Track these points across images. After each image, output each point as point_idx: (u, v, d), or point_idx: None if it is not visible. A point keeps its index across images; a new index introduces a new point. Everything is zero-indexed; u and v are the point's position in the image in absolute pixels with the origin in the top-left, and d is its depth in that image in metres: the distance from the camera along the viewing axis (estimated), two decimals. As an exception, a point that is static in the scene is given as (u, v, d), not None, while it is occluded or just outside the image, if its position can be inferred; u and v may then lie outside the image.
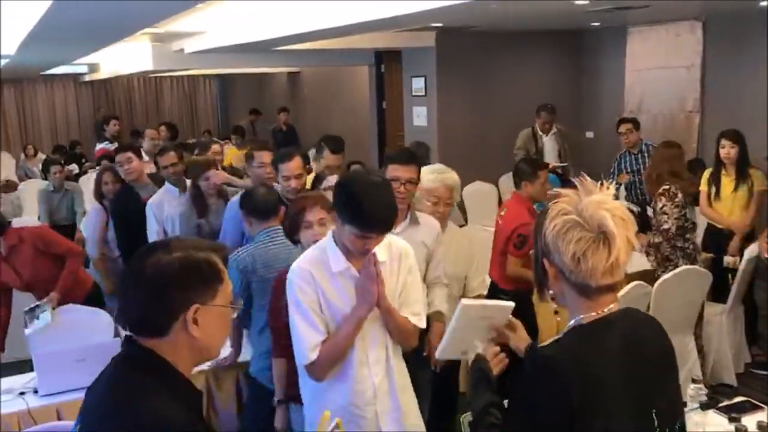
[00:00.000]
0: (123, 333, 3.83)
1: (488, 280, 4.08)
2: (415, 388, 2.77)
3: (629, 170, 6.25)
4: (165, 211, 4.58)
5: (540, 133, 7.12)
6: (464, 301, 2.03)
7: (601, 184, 1.53)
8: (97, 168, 7.54)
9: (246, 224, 3.33)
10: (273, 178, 4.04)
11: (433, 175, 3.33)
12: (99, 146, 8.73)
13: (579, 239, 1.45)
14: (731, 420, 2.37)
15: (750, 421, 2.38)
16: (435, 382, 3.42)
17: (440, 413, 3.30)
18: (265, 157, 4.19)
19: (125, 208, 4.74)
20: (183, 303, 1.43)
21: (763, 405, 2.68)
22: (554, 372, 1.44)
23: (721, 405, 2.59)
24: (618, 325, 1.52)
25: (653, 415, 1.50)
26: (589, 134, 8.48)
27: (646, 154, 6.15)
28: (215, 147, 6.31)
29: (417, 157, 3.17)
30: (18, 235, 3.96)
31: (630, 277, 4.33)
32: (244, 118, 12.64)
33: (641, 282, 4.07)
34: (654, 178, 4.75)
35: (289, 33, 6.15)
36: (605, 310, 1.51)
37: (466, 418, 2.12)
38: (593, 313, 1.51)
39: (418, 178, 3.10)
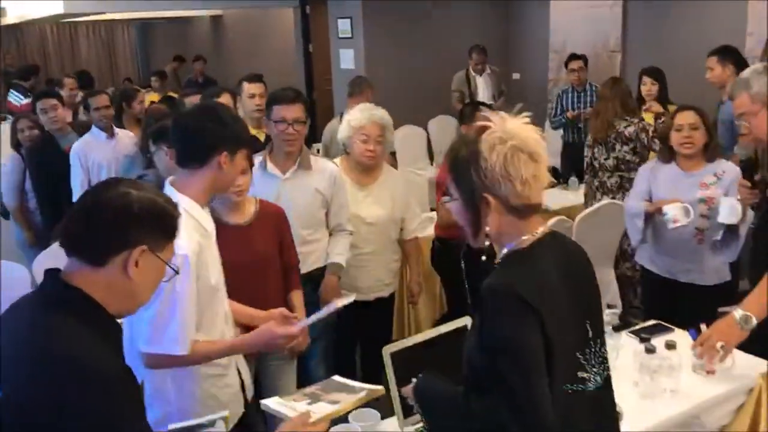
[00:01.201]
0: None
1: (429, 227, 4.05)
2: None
3: (571, 108, 6.31)
4: (91, 158, 4.41)
5: (473, 74, 7.16)
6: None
7: (519, 113, 1.59)
8: (10, 118, 7.18)
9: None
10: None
11: (362, 112, 3.26)
12: (23, 101, 8.29)
13: (526, 162, 1.51)
14: (642, 340, 2.48)
15: (659, 341, 2.50)
16: (367, 332, 3.46)
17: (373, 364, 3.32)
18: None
19: (45, 159, 4.55)
20: (135, 239, 1.42)
21: (672, 327, 2.82)
22: (515, 295, 1.47)
23: (633, 328, 2.71)
24: (551, 245, 1.60)
25: (587, 326, 1.61)
26: (516, 75, 8.53)
27: (589, 93, 6.23)
28: (140, 96, 6.06)
29: (302, 95, 3.09)
30: None
31: (554, 213, 4.46)
32: (168, 65, 12.18)
33: (563, 216, 4.18)
34: None
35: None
36: (536, 233, 1.58)
37: (388, 350, 2.14)
38: (525, 237, 1.58)
39: (307, 118, 3.05)
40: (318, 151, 5.23)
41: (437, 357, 2.08)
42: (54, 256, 3.58)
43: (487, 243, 1.60)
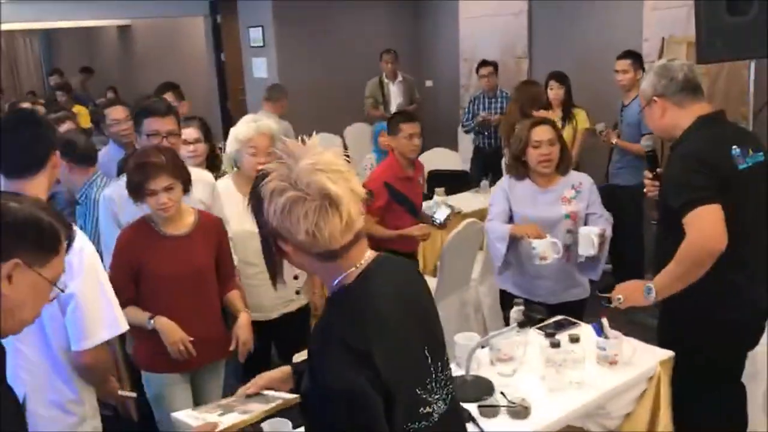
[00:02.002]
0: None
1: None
2: None
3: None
4: None
5: (386, 81, 7.20)
6: None
7: (302, 141, 1.43)
8: None
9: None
10: (130, 135, 3.84)
11: (247, 124, 3.12)
12: None
13: (306, 213, 1.36)
14: (547, 335, 2.54)
15: (564, 336, 2.57)
16: (282, 348, 3.34)
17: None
18: (119, 113, 3.98)
19: None
20: (6, 252, 1.35)
21: (577, 321, 2.91)
22: (341, 341, 1.36)
23: (540, 324, 2.78)
24: (381, 273, 1.48)
25: (426, 352, 1.50)
26: (429, 83, 8.65)
27: (499, 99, 6.38)
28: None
29: (173, 108, 3.00)
30: None
31: (466, 216, 4.53)
32: (74, 78, 11.75)
33: (474, 219, 4.25)
34: None
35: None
36: (362, 261, 1.46)
37: (298, 357, 2.12)
38: (352, 269, 1.45)
39: (180, 130, 2.98)
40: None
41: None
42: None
43: (298, 286, 1.51)
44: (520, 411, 2.26)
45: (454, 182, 5.50)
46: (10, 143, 2.15)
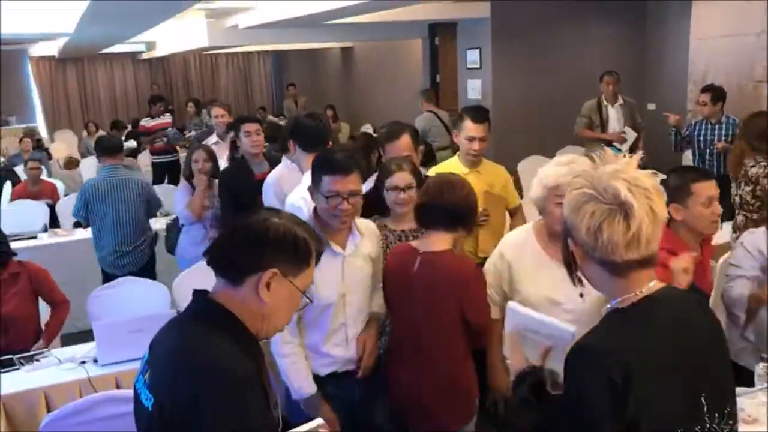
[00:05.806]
0: (179, 305, 3.84)
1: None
2: None
3: (701, 139, 5.87)
4: (285, 189, 3.66)
5: (605, 103, 6.87)
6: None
7: (624, 155, 1.47)
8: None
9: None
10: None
11: (562, 167, 2.40)
12: (151, 123, 8.94)
13: (593, 212, 1.39)
14: (803, 402, 2.24)
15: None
16: None
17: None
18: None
19: (237, 183, 4.25)
20: (267, 262, 1.49)
21: (837, 387, 2.54)
22: (596, 362, 1.36)
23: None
24: (661, 306, 1.43)
25: (702, 399, 1.42)
26: (651, 106, 8.18)
27: (725, 127, 5.72)
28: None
29: (357, 162, 2.47)
30: (18, 265, 3.67)
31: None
32: (288, 95, 12.58)
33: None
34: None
35: (341, 5, 6.08)
36: (643, 290, 1.43)
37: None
38: (630, 294, 1.43)
39: (360, 188, 2.46)
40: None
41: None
42: (193, 277, 3.77)
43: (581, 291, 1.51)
44: (766, 484, 2.01)
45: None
46: (308, 128, 3.39)
